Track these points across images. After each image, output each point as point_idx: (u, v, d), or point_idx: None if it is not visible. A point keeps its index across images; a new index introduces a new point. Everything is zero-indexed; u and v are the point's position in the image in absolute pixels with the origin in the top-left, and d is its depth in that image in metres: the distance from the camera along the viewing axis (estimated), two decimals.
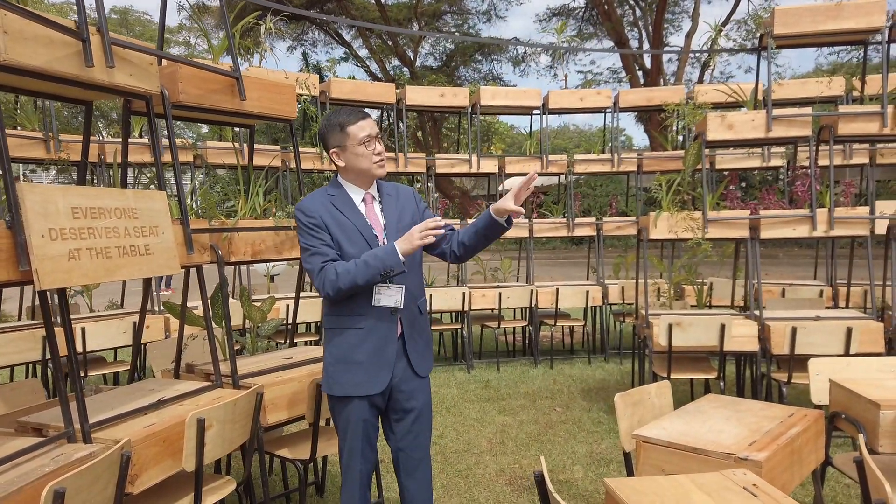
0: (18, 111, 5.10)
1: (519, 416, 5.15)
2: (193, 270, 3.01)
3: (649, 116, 20.19)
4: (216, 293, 3.34)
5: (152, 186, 5.46)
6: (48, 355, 4.71)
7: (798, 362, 4.21)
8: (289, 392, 3.13)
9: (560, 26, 7.86)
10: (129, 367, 5.53)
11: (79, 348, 4.86)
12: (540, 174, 7.43)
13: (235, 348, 4.55)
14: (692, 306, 5.46)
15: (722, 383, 4.57)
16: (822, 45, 5.31)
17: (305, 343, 6.64)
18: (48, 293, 2.31)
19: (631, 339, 7.67)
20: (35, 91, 2.47)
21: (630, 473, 2.34)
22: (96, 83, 2.38)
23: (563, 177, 7.65)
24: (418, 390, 2.58)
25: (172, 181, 2.90)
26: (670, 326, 4.36)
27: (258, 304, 3.71)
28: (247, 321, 4.05)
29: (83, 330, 4.87)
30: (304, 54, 24.52)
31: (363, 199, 2.58)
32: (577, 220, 7.27)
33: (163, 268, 2.62)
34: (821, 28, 4.48)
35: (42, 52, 2.16)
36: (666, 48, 21.33)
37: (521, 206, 2.35)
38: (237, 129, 6.24)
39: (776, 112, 4.53)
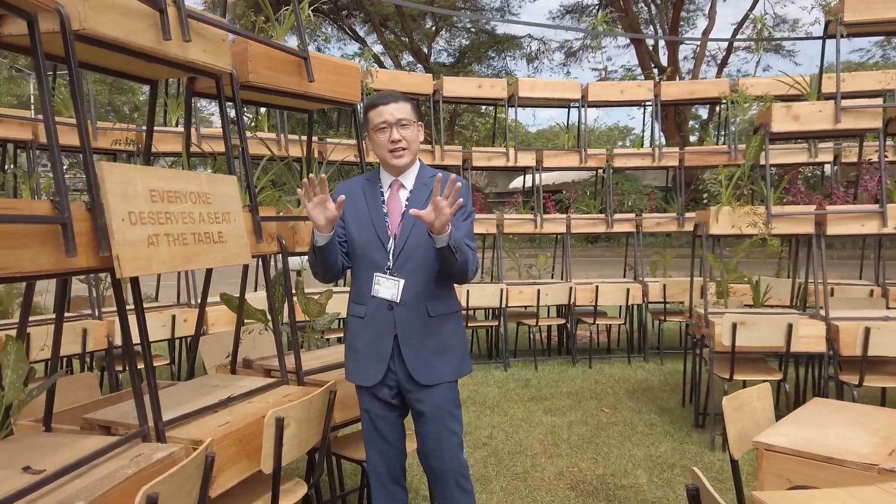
0: (56, 96, 4.96)
1: (567, 416, 4.99)
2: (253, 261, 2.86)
3: (665, 113, 20.01)
4: (275, 285, 3.20)
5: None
6: (89, 348, 4.58)
7: (869, 364, 4.04)
8: (350, 391, 2.97)
9: (600, 17, 7.66)
10: (167, 363, 5.40)
11: (116, 342, 4.74)
12: (578, 168, 7.28)
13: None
14: (746, 305, 5.27)
15: (786, 385, 4.39)
16: (892, 33, 5.12)
17: None
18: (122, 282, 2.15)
19: (671, 339, 7.49)
20: (104, 67, 2.32)
21: (738, 484, 2.17)
22: (171, 58, 2.23)
23: (600, 171, 7.47)
24: (426, 396, 2.40)
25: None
26: (734, 326, 4.19)
27: (315, 296, 3.56)
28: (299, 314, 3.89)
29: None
30: (318, 50, 24.35)
31: (390, 186, 2.45)
32: (617, 215, 7.09)
33: (235, 257, 2.47)
34: (893, 15, 4.29)
35: (121, 23, 2.01)
36: (714, 38, 20.92)
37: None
38: (271, 121, 6.10)
39: (844, 103, 4.35)
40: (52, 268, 1.74)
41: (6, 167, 4.86)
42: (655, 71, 20.25)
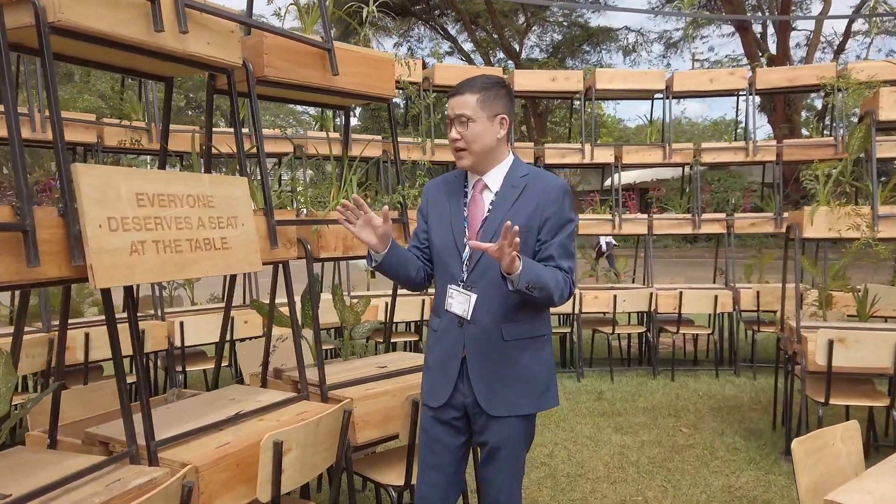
0: (124, 101, 5.07)
1: (639, 435, 4.57)
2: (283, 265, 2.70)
3: (774, 105, 18.58)
4: (307, 292, 3.03)
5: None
6: (149, 348, 4.63)
7: None
8: (381, 407, 2.76)
9: (686, 1, 7.09)
10: (227, 363, 5.41)
11: (177, 343, 4.77)
12: (662, 164, 6.76)
13: (328, 347, 4.24)
14: (850, 317, 4.65)
15: (895, 413, 3.79)
16: None
17: (405, 344, 6.35)
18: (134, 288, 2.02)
19: (766, 351, 6.83)
20: (104, 63, 2.21)
21: None
22: (167, 51, 2.08)
23: (687, 168, 6.91)
24: (493, 427, 2.11)
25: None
26: (831, 343, 3.65)
27: (355, 301, 3.38)
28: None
29: (181, 324, 4.76)
30: (410, 49, 24.54)
31: (473, 186, 2.16)
32: (704, 215, 6.52)
33: (242, 264, 2.31)
34: None
35: (104, 14, 1.87)
36: (832, 16, 19.29)
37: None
38: (338, 119, 6.00)
39: None
40: (12, 279, 1.61)
41: None
42: (763, 60, 18.92)
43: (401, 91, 5.18)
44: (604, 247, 12.93)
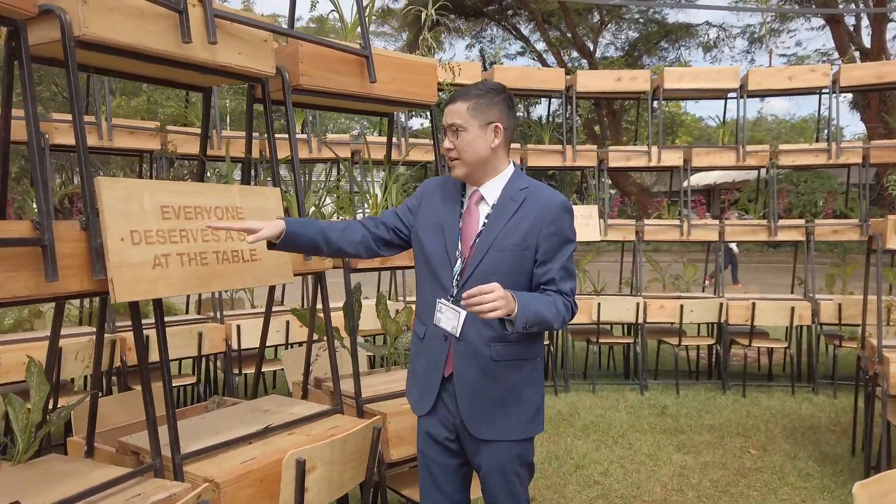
0: (188, 109, 5.21)
1: (702, 455, 4.31)
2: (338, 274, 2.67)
3: (868, 102, 17.39)
4: (350, 300, 2.99)
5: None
6: (206, 350, 4.73)
7: None
8: (413, 422, 2.67)
9: None
10: (282, 367, 5.48)
11: (235, 346, 4.86)
12: (736, 167, 6.42)
13: (373, 354, 4.20)
14: None
15: None
16: None
17: None
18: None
19: (849, 367, 6.36)
20: (140, 75, 2.22)
21: None
22: (197, 62, 2.07)
23: (762, 171, 6.51)
24: (484, 451, 2.01)
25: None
26: None
27: (399, 308, 3.32)
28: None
29: (238, 327, 4.84)
30: (482, 51, 24.44)
31: (470, 197, 2.05)
32: (781, 221, 6.12)
33: (272, 276, 2.28)
34: None
35: (130, 26, 1.87)
36: None
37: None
38: (422, 119, 5.98)
39: None
40: (31, 293, 1.62)
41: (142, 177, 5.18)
42: (857, 54, 17.68)
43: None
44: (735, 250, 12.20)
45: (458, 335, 1.95)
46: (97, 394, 2.19)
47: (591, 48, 23.15)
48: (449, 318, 1.97)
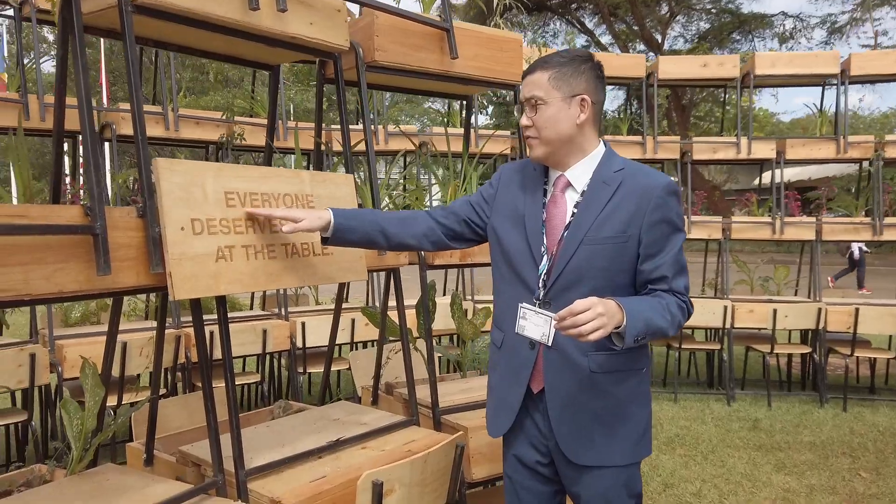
0: (255, 101, 5.09)
1: (806, 478, 3.89)
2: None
3: None
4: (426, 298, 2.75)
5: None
6: (270, 348, 4.59)
7: None
8: (500, 439, 2.41)
9: None
10: (348, 367, 5.29)
11: (299, 343, 4.70)
12: (834, 160, 5.89)
13: (446, 356, 3.95)
14: None
15: None
16: None
17: None
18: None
19: None
20: (203, 50, 2.02)
21: None
22: (264, 32, 1.85)
23: (866, 164, 5.96)
24: (584, 479, 1.72)
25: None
26: None
27: (480, 308, 3.05)
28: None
29: (303, 324, 4.69)
30: (545, 45, 23.95)
31: (554, 183, 1.75)
32: (888, 219, 5.57)
33: (344, 272, 2.05)
34: None
35: None
36: None
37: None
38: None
39: None
40: (81, 288, 1.43)
41: None
42: None
43: None
44: (856, 253, 11.43)
45: (549, 343, 1.67)
46: (157, 399, 2.01)
47: (659, 40, 22.36)
48: (536, 324, 1.67)
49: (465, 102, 2.96)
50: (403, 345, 2.49)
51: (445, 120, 5.53)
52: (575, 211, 1.70)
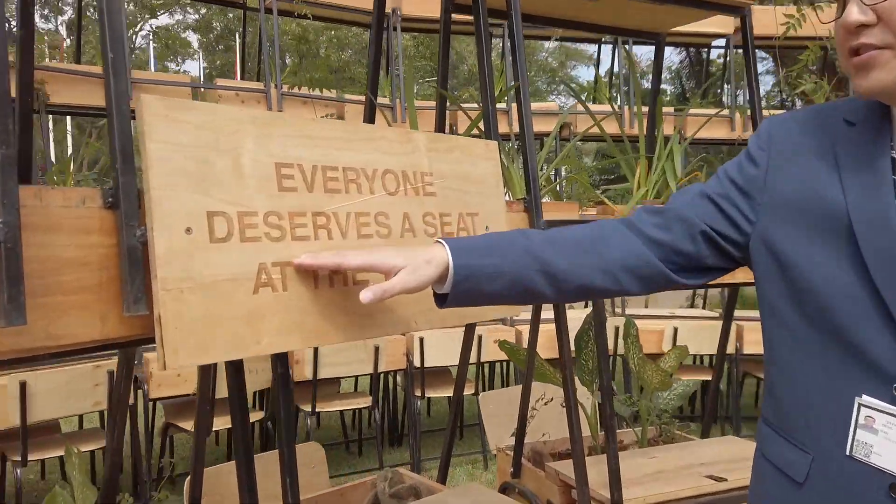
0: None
1: None
2: None
3: None
4: (581, 334, 1.91)
5: None
6: (382, 367, 3.91)
7: None
8: None
9: None
10: (472, 391, 4.50)
11: (416, 363, 4.00)
12: None
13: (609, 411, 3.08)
14: None
15: None
16: None
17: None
18: None
19: None
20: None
21: None
22: None
23: None
24: None
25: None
26: None
27: (669, 351, 2.15)
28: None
29: (421, 340, 3.97)
30: None
31: None
32: None
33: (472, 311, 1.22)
34: None
35: None
36: None
37: None
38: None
39: None
40: None
41: None
42: None
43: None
44: None
45: None
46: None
47: None
48: (893, 439, 0.76)
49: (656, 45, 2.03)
50: (568, 398, 1.64)
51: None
52: None
